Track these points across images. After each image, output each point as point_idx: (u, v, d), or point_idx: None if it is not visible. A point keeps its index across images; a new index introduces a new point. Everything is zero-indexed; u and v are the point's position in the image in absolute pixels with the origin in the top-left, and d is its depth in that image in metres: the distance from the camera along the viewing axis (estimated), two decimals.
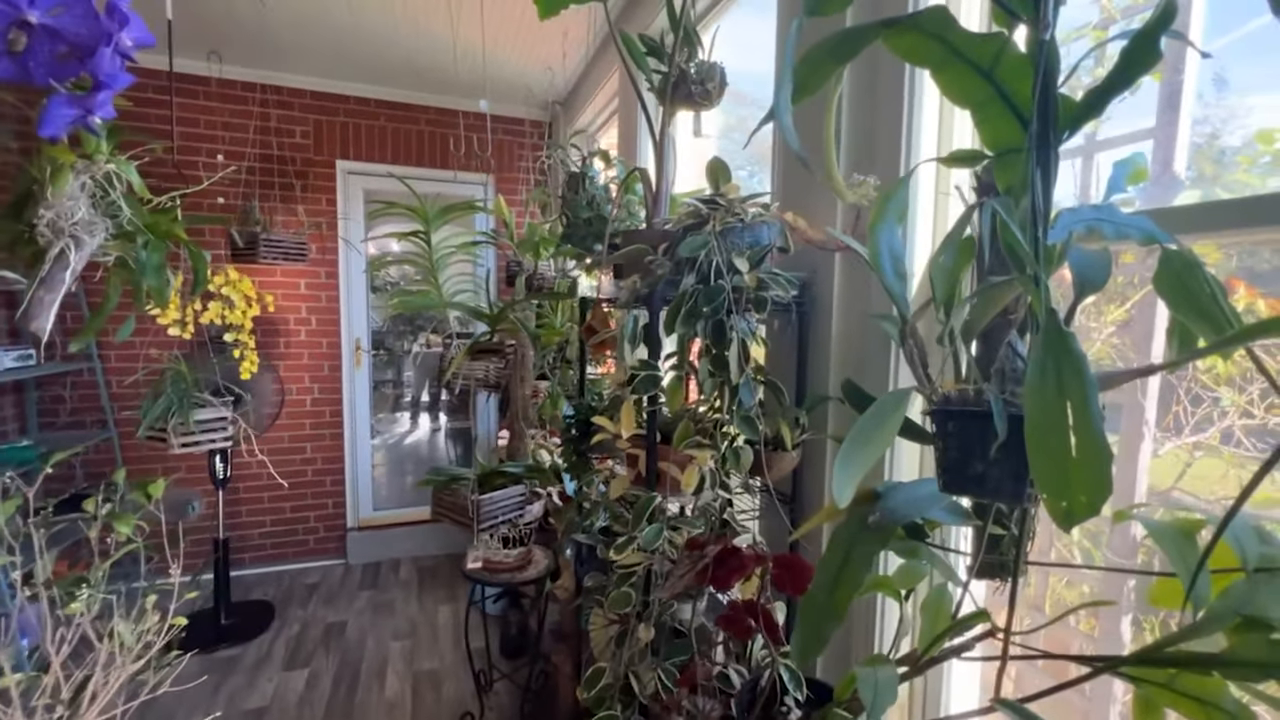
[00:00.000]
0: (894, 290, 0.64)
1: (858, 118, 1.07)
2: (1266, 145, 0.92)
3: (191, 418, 1.63)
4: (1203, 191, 0.95)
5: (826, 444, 1.15)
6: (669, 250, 1.09)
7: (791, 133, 0.47)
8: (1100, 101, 0.49)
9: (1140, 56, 0.45)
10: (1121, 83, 0.47)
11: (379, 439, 5.82)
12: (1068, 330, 0.45)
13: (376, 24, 2.58)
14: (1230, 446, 1.24)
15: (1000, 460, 0.48)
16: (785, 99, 0.47)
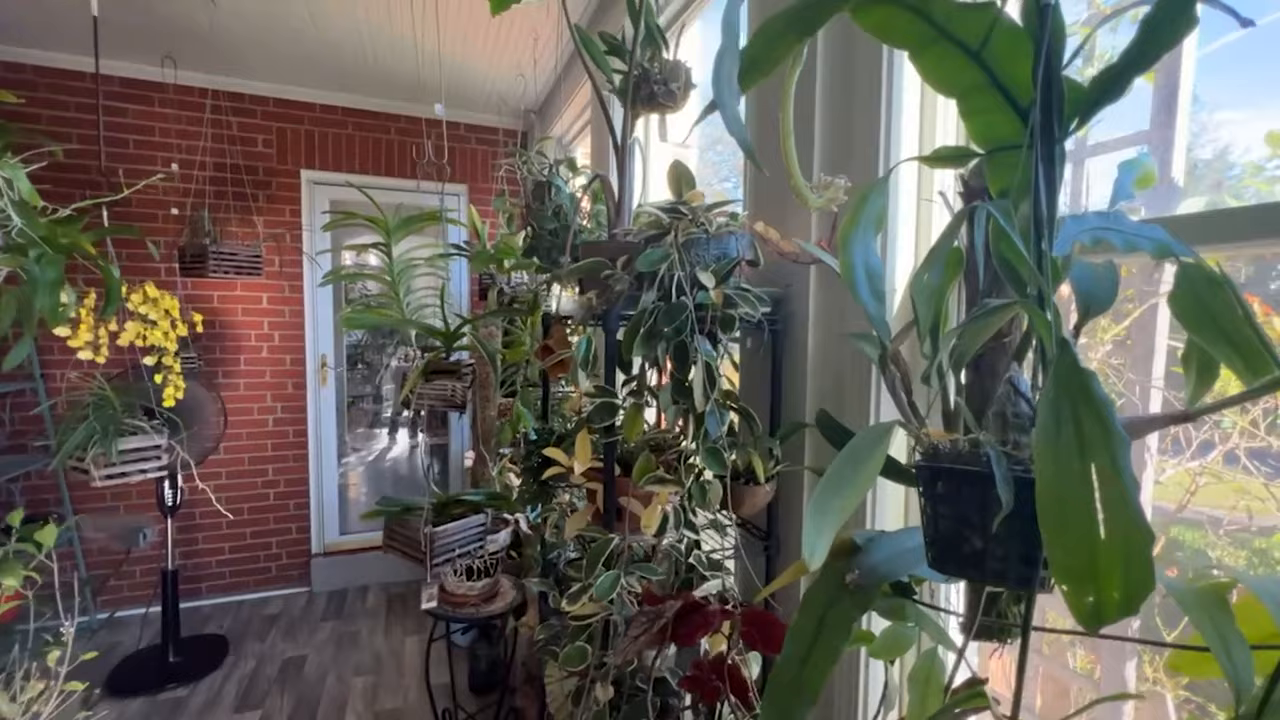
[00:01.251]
0: (871, 312, 0.54)
1: (834, 109, 0.98)
2: (1276, 149, 0.84)
3: (114, 447, 1.50)
4: (1208, 199, 0.88)
5: (804, 475, 1.05)
6: (629, 264, 0.99)
7: (736, 118, 0.37)
8: (1118, 83, 0.39)
9: (1169, 24, 0.36)
10: (1143, 57, 0.38)
11: (355, 457, 5.64)
12: (1086, 368, 0.36)
13: (339, 30, 2.47)
14: (1234, 469, 1.16)
15: (1004, 536, 0.38)
16: (729, 77, 0.38)
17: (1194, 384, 0.61)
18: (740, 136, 0.37)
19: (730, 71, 0.38)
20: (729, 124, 0.37)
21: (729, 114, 0.37)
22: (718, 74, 0.37)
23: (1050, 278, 0.42)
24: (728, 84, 0.37)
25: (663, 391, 0.93)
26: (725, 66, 0.37)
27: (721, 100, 0.36)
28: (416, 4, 2.19)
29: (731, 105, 0.37)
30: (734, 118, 0.37)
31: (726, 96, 0.37)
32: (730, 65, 0.38)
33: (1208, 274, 0.54)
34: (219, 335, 3.06)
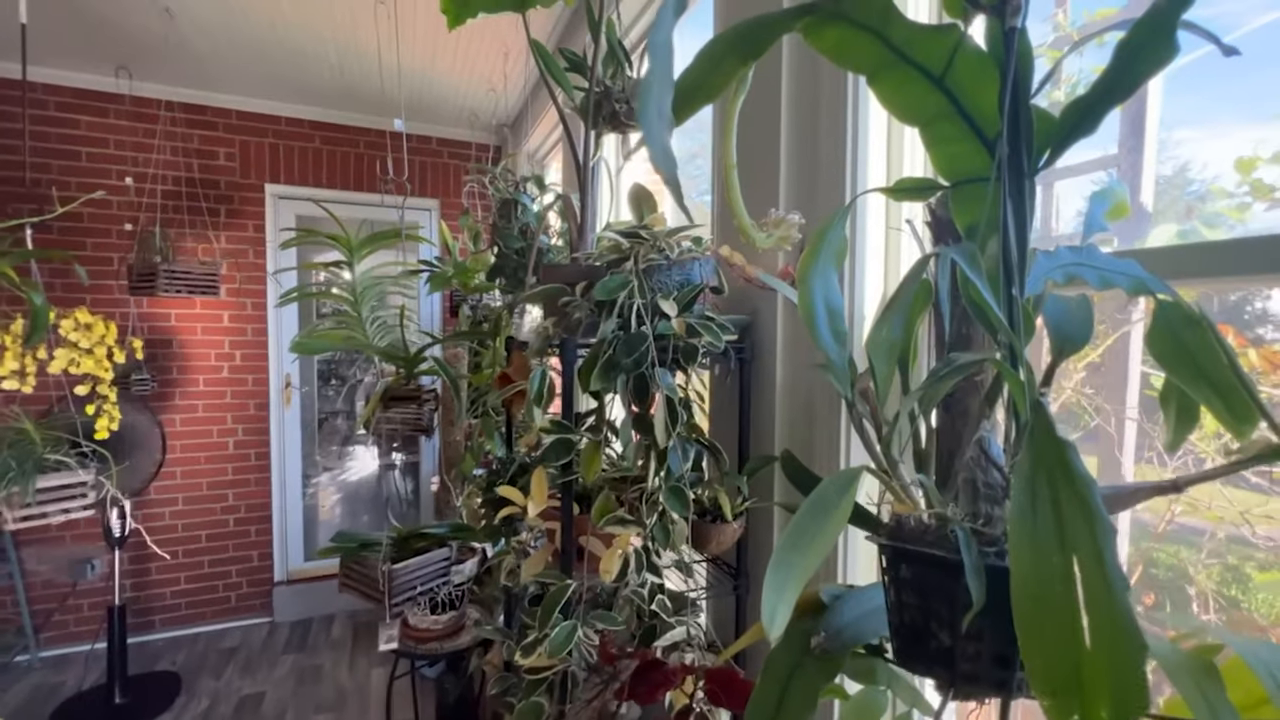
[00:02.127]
0: (832, 355, 0.49)
1: (800, 136, 0.95)
2: (1246, 174, 0.83)
3: (31, 486, 1.39)
4: (1179, 227, 0.85)
5: (774, 511, 1.00)
6: (588, 290, 0.94)
7: (665, 152, 0.32)
8: (1091, 115, 0.35)
9: (1147, 52, 0.32)
10: (1118, 87, 0.34)
11: (326, 476, 5.47)
12: (1064, 439, 0.31)
13: (304, 43, 2.41)
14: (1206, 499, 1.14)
15: (976, 633, 0.33)
16: (659, 105, 0.33)
17: (1174, 427, 0.58)
18: (669, 174, 0.32)
19: (661, 99, 0.33)
20: (656, 159, 0.32)
21: (657, 148, 0.32)
22: (645, 102, 0.32)
23: (1022, 329, 0.38)
24: (657, 113, 0.33)
25: (622, 427, 0.87)
26: (654, 93, 0.33)
27: (649, 131, 0.32)
28: (382, 18, 2.14)
29: (660, 137, 0.32)
30: (662, 152, 0.32)
31: (656, 127, 0.32)
32: (661, 91, 0.33)
33: (1185, 312, 0.50)
34: (176, 355, 2.93)
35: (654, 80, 0.33)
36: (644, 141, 0.32)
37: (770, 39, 0.40)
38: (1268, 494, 0.89)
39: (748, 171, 1.05)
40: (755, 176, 1.02)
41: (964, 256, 0.36)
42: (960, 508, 0.38)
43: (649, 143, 0.32)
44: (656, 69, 0.33)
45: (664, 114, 0.34)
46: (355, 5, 2.12)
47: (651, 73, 0.33)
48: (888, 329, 0.38)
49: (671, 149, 0.34)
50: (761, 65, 0.98)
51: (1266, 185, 0.81)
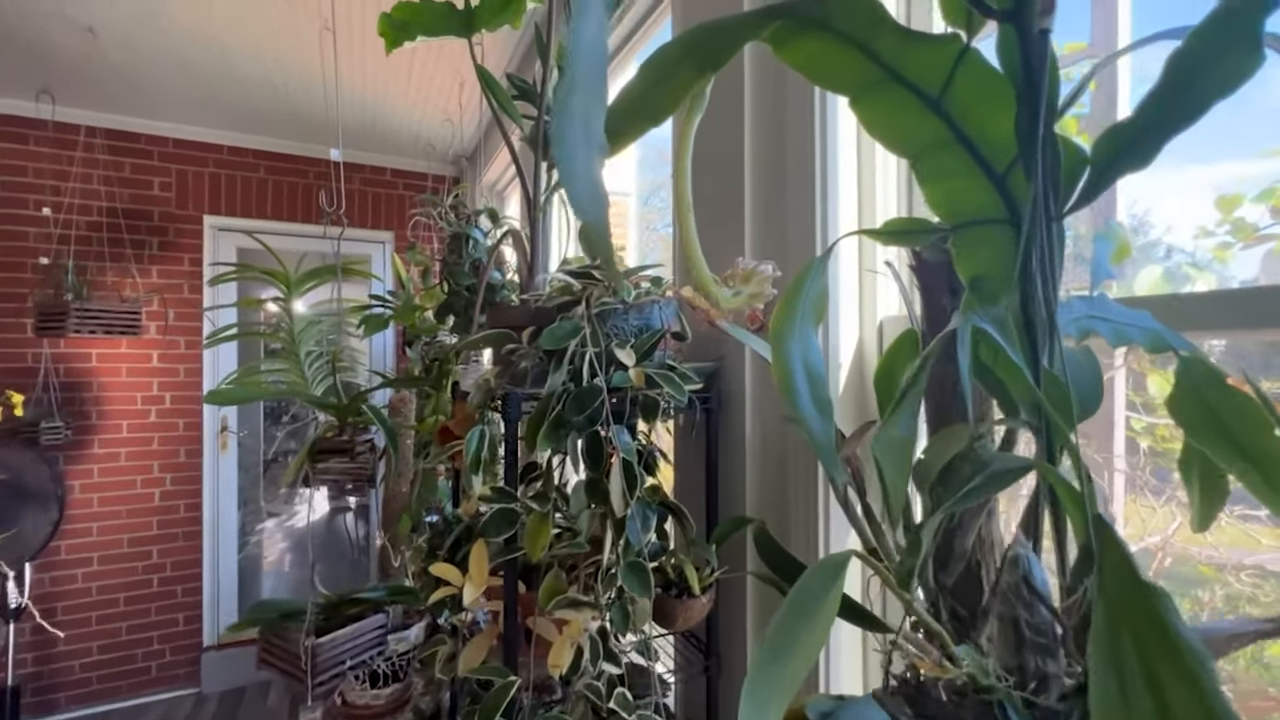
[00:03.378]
0: (816, 433, 0.40)
1: (768, 168, 0.88)
2: (1226, 214, 0.79)
3: None
4: (1164, 266, 0.81)
5: (747, 580, 0.90)
6: (536, 337, 0.84)
7: (590, 184, 0.23)
8: (1140, 145, 0.28)
9: (1218, 63, 0.25)
10: (1178, 112, 0.26)
11: (274, 521, 5.11)
12: (1152, 585, 0.22)
13: (247, 69, 2.29)
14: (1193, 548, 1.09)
15: None
16: (584, 125, 0.24)
17: (1200, 501, 0.50)
18: (595, 218, 0.22)
19: (588, 116, 0.24)
20: (579, 198, 0.22)
21: (581, 183, 0.22)
22: (564, 120, 0.23)
23: (1072, 414, 0.30)
24: (583, 135, 0.23)
25: (573, 493, 0.76)
26: (577, 108, 0.23)
27: (569, 160, 0.22)
28: (329, 44, 2.04)
29: (586, 169, 0.23)
30: (588, 188, 0.23)
31: (580, 155, 0.23)
32: (588, 106, 0.24)
33: (1210, 370, 0.43)
34: (96, 399, 2.69)
35: (577, 90, 0.24)
36: (560, 174, 0.23)
37: (733, 46, 0.32)
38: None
39: (707, 209, 0.98)
40: (716, 214, 0.95)
41: (995, 326, 0.27)
42: (995, 653, 0.29)
43: (567, 175, 0.23)
44: (581, 75, 0.24)
45: (593, 136, 0.25)
46: (301, 30, 2.02)
47: (574, 81, 0.24)
48: (898, 426, 0.29)
49: (601, 184, 0.24)
50: (721, 81, 0.92)
51: (1249, 225, 0.78)
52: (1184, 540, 1.01)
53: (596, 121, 0.25)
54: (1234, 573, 0.96)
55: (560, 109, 0.23)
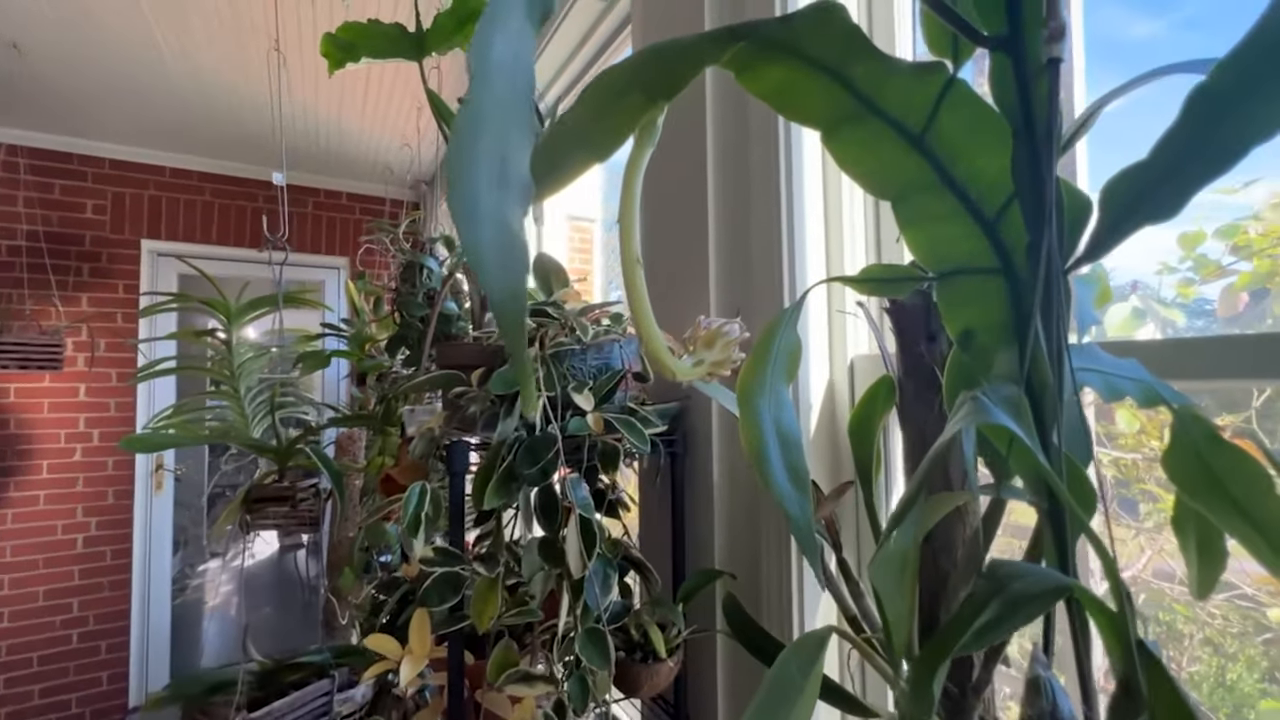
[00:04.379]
0: (791, 508, 0.35)
1: (731, 210, 0.84)
2: (1189, 251, 0.79)
3: None
4: (1132, 305, 0.80)
5: (717, 640, 0.83)
6: (487, 378, 0.77)
7: (504, 235, 0.17)
8: (1155, 195, 0.24)
9: (1250, 100, 0.21)
10: (1205, 156, 0.23)
11: (218, 562, 4.79)
12: None
13: (190, 89, 2.18)
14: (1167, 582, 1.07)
15: None
16: (493, 151, 0.18)
17: (1199, 565, 0.46)
18: (507, 292, 0.17)
19: (503, 153, 0.19)
20: (480, 264, 0.17)
21: (487, 243, 0.17)
22: (462, 159, 0.17)
23: (1093, 501, 0.25)
24: (492, 178, 0.18)
25: (525, 553, 0.69)
26: (485, 145, 0.18)
27: (468, 212, 0.17)
28: (277, 66, 1.96)
29: (496, 222, 0.17)
30: (497, 247, 0.17)
31: (485, 202, 0.17)
32: (504, 142, 0.19)
33: (1206, 426, 0.40)
34: (13, 438, 2.47)
35: (486, 121, 0.19)
36: (459, 226, 0.17)
37: (688, 72, 0.27)
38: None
39: (669, 252, 0.93)
40: (679, 258, 0.90)
41: (1010, 411, 0.23)
42: None
43: (468, 228, 0.17)
44: (492, 102, 0.19)
45: (511, 178, 0.19)
46: (248, 49, 1.93)
47: (479, 109, 0.18)
48: (899, 539, 0.24)
49: (520, 240, 0.19)
50: (683, 111, 0.89)
51: (1211, 261, 0.78)
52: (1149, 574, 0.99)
53: (517, 159, 0.20)
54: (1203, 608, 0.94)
55: (459, 144, 0.17)
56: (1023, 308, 0.31)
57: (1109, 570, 0.21)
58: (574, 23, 1.43)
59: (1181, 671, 0.90)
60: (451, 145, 0.18)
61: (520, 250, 0.18)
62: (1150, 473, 0.96)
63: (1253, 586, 0.79)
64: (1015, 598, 0.20)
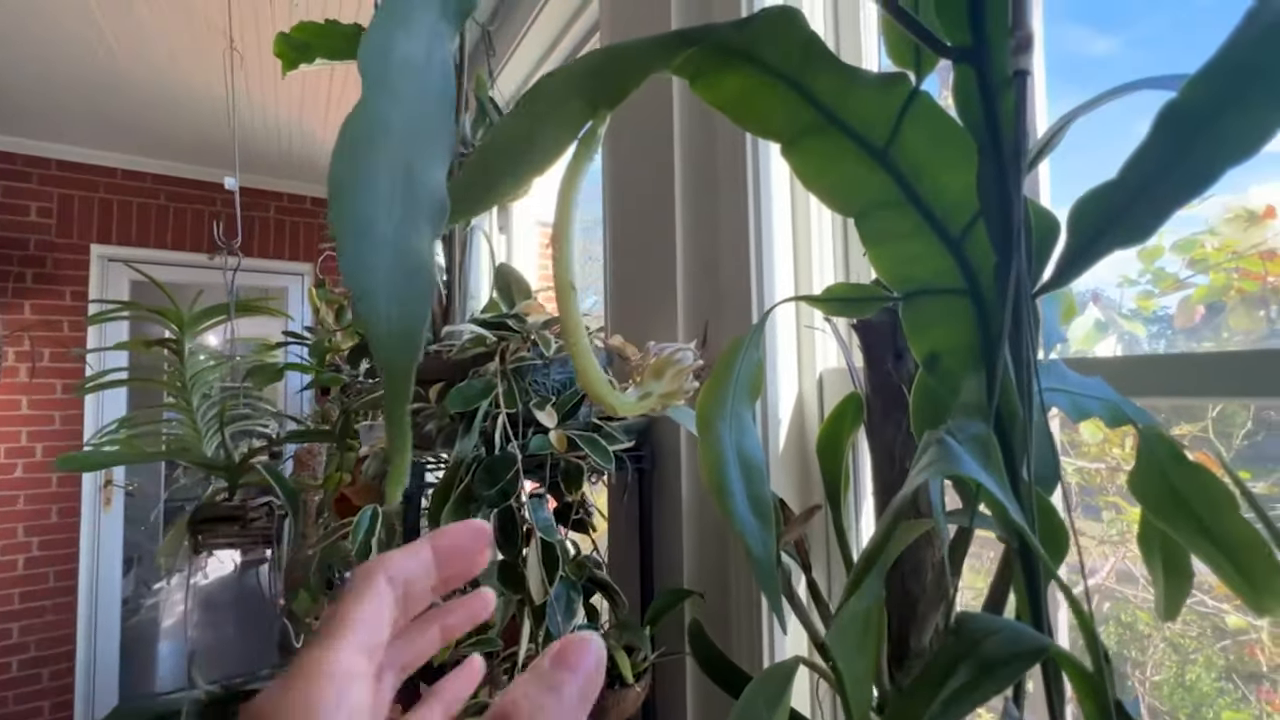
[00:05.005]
0: (753, 544, 0.33)
1: (697, 225, 0.83)
2: (1148, 264, 0.80)
3: None
4: (1094, 318, 0.81)
5: (685, 662, 0.81)
6: (445, 394, 0.74)
7: (395, 269, 0.15)
8: (1127, 217, 0.23)
9: (1226, 120, 0.20)
10: (1179, 177, 0.21)
11: (175, 579, 4.60)
12: None
13: (144, 89, 2.09)
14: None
15: None
16: (396, 168, 0.16)
17: (1165, 585, 0.46)
18: (399, 339, 0.14)
19: (409, 165, 0.16)
20: (366, 299, 0.14)
21: (377, 274, 0.14)
22: (355, 168, 0.15)
23: (1064, 546, 0.23)
24: (394, 194, 0.16)
25: (484, 578, 0.66)
26: (385, 155, 0.15)
27: (358, 234, 0.14)
28: (235, 66, 1.89)
29: (395, 248, 0.15)
30: (391, 280, 0.15)
31: (382, 225, 0.15)
32: (412, 152, 0.16)
33: (1172, 446, 0.39)
34: None
35: (386, 125, 0.16)
36: (343, 254, 0.14)
37: (635, 78, 0.25)
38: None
39: (631, 267, 0.91)
40: (645, 272, 0.88)
41: (976, 451, 0.21)
42: None
43: (354, 254, 0.14)
44: (394, 103, 0.16)
45: (420, 196, 0.17)
46: (204, 49, 1.86)
47: (374, 110, 0.16)
48: (861, 597, 0.21)
49: (426, 270, 0.16)
50: (650, 118, 0.87)
51: (1169, 275, 0.79)
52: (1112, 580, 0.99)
53: (429, 172, 0.17)
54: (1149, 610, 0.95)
55: (346, 154, 0.15)
56: (990, 331, 0.29)
57: (1085, 629, 0.19)
58: (546, 22, 1.40)
59: (1146, 676, 0.90)
60: (336, 155, 0.15)
61: (425, 283, 0.16)
62: (1113, 481, 0.97)
63: (1213, 599, 0.80)
64: (988, 660, 0.18)
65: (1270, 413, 0.77)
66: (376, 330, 0.14)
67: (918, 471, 0.19)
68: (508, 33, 1.45)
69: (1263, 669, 0.80)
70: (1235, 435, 0.78)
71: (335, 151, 0.15)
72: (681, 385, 0.25)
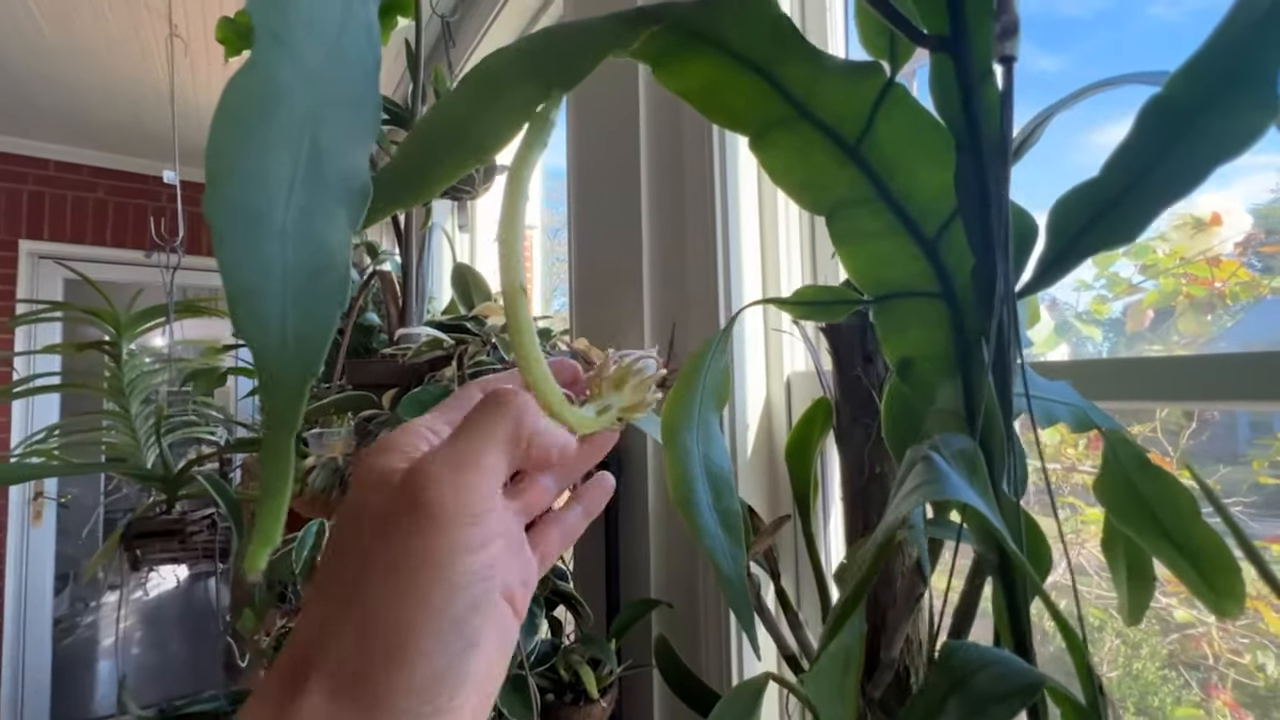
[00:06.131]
0: (722, 562, 0.31)
1: (664, 224, 0.81)
2: (1103, 269, 0.82)
3: None
4: (1055, 322, 0.82)
5: (652, 675, 0.79)
6: (399, 400, 0.70)
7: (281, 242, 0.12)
8: (1121, 211, 0.21)
9: (1211, 117, 0.19)
10: (1162, 176, 0.20)
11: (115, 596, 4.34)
12: None
13: (79, 77, 1.97)
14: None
15: None
16: (277, 151, 0.13)
17: (1129, 588, 0.46)
18: (279, 332, 0.12)
19: (317, 137, 0.14)
20: (248, 283, 0.12)
21: (269, 251, 0.12)
22: (234, 141, 0.12)
23: (1047, 562, 0.22)
24: (296, 166, 0.13)
25: None
26: (281, 119, 0.13)
27: (244, 207, 0.12)
28: (179, 54, 1.79)
29: (292, 227, 0.12)
30: (298, 259, 0.12)
31: (275, 197, 0.12)
32: (318, 119, 0.14)
33: (1137, 453, 0.39)
34: None
35: (284, 90, 0.14)
36: (221, 250, 0.12)
37: (592, 58, 0.22)
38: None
39: (596, 265, 0.89)
40: (607, 272, 0.86)
41: (963, 467, 0.19)
42: None
43: (236, 235, 0.12)
44: (296, 66, 0.14)
45: (332, 174, 0.14)
46: (144, 36, 1.76)
47: (269, 72, 0.13)
48: (842, 638, 0.20)
49: (343, 263, 0.14)
50: (615, 104, 0.85)
51: (1123, 279, 0.81)
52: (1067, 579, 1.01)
53: (343, 149, 0.15)
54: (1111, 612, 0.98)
55: (229, 123, 0.12)
56: (966, 337, 0.28)
57: (1076, 656, 0.18)
58: (510, 15, 1.36)
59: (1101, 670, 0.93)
60: (214, 127, 0.12)
61: (333, 284, 0.13)
62: (1067, 480, 0.99)
63: (1163, 594, 0.82)
64: (979, 698, 0.17)
65: (1213, 413, 0.79)
66: (265, 340, 0.11)
67: (905, 494, 0.18)
68: (470, 26, 1.41)
69: (1209, 660, 0.82)
70: (1182, 435, 0.80)
71: (214, 123, 0.12)
72: (644, 397, 0.23)
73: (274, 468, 0.10)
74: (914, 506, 0.17)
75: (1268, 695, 0.74)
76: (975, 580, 0.40)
